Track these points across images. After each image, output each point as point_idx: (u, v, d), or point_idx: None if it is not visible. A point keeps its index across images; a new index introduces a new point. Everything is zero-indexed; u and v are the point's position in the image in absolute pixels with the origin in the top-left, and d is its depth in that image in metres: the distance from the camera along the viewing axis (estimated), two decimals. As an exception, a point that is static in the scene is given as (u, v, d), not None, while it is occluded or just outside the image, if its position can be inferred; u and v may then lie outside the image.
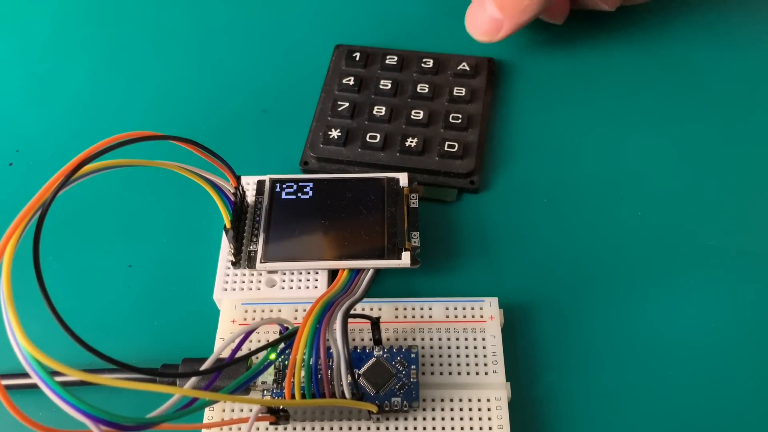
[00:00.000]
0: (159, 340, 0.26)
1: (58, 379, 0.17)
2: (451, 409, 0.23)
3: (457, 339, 0.24)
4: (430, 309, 0.25)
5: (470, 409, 0.23)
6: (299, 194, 0.26)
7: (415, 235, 0.26)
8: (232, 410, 0.23)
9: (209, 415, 0.23)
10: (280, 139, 0.31)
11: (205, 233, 0.28)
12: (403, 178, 0.27)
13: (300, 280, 0.25)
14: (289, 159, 0.30)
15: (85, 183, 0.20)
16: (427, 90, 0.31)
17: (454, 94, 0.31)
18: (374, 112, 0.30)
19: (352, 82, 0.31)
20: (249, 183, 0.27)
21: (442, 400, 0.23)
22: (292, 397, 0.21)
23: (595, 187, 0.29)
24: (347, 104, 0.30)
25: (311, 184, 0.27)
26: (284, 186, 0.27)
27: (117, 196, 0.29)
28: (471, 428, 0.23)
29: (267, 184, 0.27)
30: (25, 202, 0.18)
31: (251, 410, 0.22)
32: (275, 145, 0.31)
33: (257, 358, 0.22)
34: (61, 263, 0.27)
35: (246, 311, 0.25)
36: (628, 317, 0.26)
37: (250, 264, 0.25)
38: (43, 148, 0.31)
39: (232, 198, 0.25)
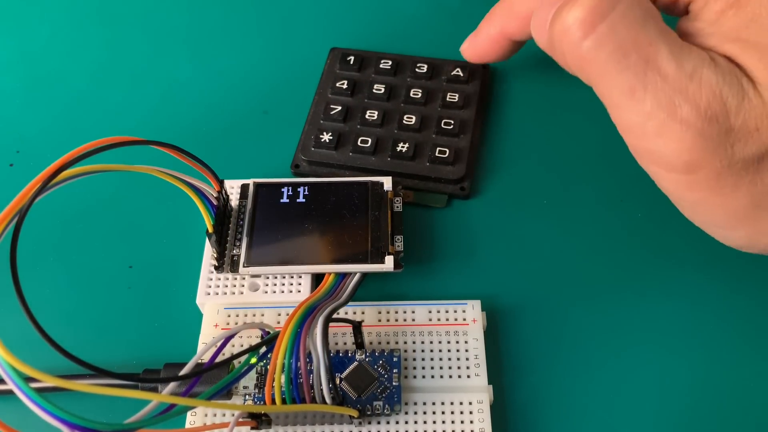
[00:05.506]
0: (144, 344, 0.26)
1: (35, 385, 0.17)
2: (433, 413, 0.23)
3: (440, 342, 0.24)
4: (413, 312, 0.25)
5: (452, 413, 0.23)
6: (283, 198, 0.26)
7: (398, 239, 0.26)
8: (215, 415, 0.23)
9: (191, 419, 0.23)
10: (273, 142, 0.31)
11: (190, 237, 0.28)
12: (387, 182, 0.27)
13: (283, 284, 0.25)
14: (281, 162, 0.30)
15: (67, 186, 0.20)
16: (420, 95, 0.31)
17: (447, 99, 0.30)
18: (366, 116, 0.30)
19: (345, 86, 0.31)
20: (234, 187, 0.27)
21: (425, 404, 0.23)
22: (273, 402, 0.21)
23: (586, 196, 0.29)
24: (340, 108, 0.30)
25: (295, 188, 0.27)
26: (268, 190, 0.27)
27: (100, 201, 0.29)
28: (453, 431, 0.23)
29: (251, 187, 0.27)
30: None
31: (233, 415, 0.22)
32: (268, 148, 0.31)
33: (239, 362, 0.22)
34: (43, 268, 0.28)
35: (229, 315, 0.25)
36: (612, 320, 0.26)
37: (233, 268, 0.25)
38: (43, 149, 0.31)
39: (215, 202, 0.25)
